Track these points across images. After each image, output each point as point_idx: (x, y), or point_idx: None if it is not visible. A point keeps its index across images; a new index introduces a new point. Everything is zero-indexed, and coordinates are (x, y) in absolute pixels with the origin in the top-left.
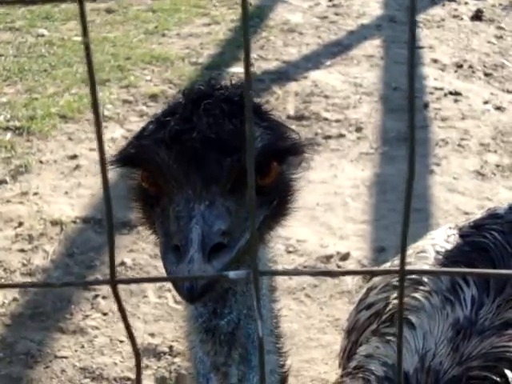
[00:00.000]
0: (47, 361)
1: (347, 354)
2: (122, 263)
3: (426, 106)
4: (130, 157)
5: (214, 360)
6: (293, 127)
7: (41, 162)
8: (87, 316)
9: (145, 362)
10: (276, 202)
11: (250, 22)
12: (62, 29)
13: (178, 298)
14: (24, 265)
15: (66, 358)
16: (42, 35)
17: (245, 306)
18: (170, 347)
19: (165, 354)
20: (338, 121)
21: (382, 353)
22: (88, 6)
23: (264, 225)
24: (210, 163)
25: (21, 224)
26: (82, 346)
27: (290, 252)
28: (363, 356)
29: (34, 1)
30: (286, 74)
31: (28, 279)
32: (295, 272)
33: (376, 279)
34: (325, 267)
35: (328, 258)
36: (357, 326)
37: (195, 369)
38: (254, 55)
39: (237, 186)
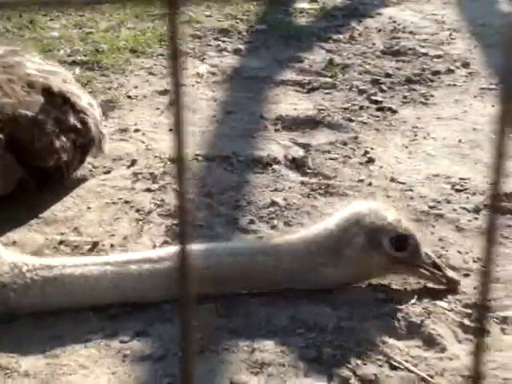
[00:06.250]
0: None
1: None
2: (274, 203)
3: None
4: None
5: None
6: (393, 63)
7: (129, 97)
8: None
9: None
10: None
11: None
12: None
13: None
14: (158, 205)
15: None
16: None
17: None
18: None
19: None
20: (439, 56)
21: None
22: None
23: None
24: None
25: (134, 162)
26: None
27: (459, 190)
28: None
29: None
30: (356, 10)
31: (167, 221)
32: None
33: None
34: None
35: (508, 195)
36: None
37: None
38: None
39: None
